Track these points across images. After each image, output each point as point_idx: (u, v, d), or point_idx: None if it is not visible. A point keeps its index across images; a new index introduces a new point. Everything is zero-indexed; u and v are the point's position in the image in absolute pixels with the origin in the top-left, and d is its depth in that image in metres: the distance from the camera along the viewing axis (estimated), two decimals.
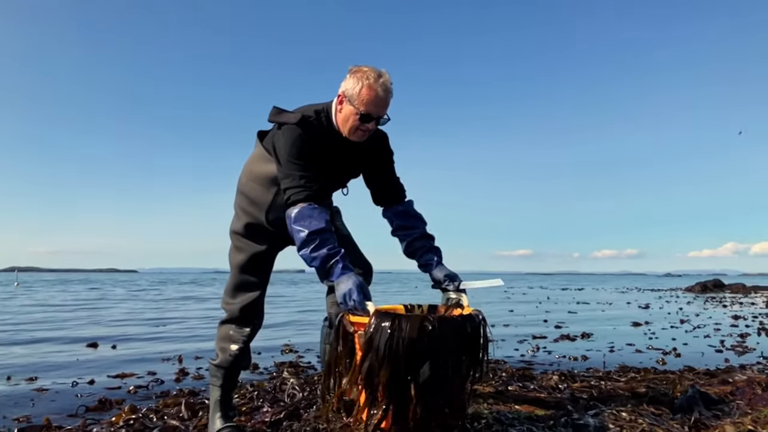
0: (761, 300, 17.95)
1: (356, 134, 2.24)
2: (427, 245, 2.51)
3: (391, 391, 2.06)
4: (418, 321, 2.10)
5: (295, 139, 2.16)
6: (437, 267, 2.48)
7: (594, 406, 2.85)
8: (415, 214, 2.55)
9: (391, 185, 2.53)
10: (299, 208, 2.12)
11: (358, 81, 2.17)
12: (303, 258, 2.14)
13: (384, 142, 2.49)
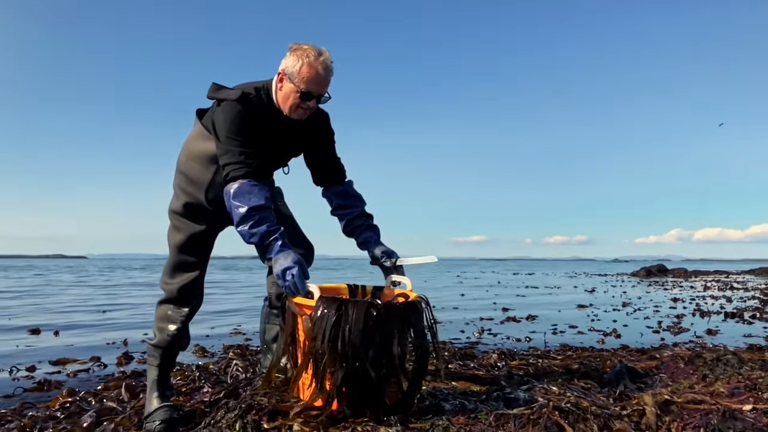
0: (700, 284, 18.74)
1: (297, 112, 2.26)
2: (366, 224, 2.57)
3: (337, 375, 2.11)
4: (365, 306, 2.15)
5: (235, 116, 2.17)
6: (375, 244, 2.53)
7: (528, 381, 2.97)
8: (354, 194, 2.60)
9: (331, 165, 2.56)
10: (238, 185, 2.13)
11: (298, 59, 2.19)
12: (241, 234, 2.15)
13: (325, 122, 2.52)
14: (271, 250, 2.14)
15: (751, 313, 8.66)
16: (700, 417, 2.16)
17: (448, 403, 2.43)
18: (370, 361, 2.13)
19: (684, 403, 2.32)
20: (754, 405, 2.20)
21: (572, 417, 2.18)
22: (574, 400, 2.39)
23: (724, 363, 3.12)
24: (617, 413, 2.29)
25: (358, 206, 2.59)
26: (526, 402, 2.44)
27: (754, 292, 13.88)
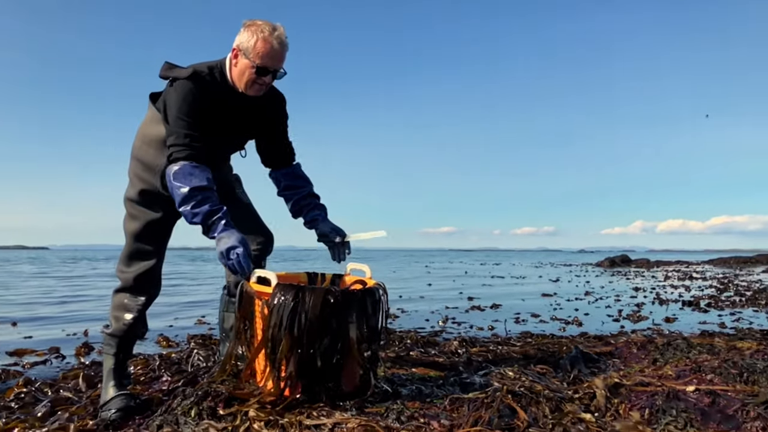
0: (661, 274, 19.20)
1: (253, 88, 2.26)
2: (313, 203, 2.59)
3: (293, 362, 2.13)
4: (322, 293, 2.17)
5: (186, 95, 2.15)
6: (323, 222, 2.56)
7: (486, 367, 3.03)
8: (302, 176, 2.62)
9: (282, 148, 2.58)
10: (180, 166, 2.12)
11: (252, 34, 2.18)
12: (184, 215, 2.15)
13: (281, 105, 2.52)
14: (215, 230, 2.15)
15: (707, 301, 8.92)
16: (646, 398, 2.23)
17: (405, 388, 2.46)
18: (326, 347, 2.15)
19: (632, 386, 2.40)
20: (696, 386, 2.29)
21: (525, 400, 2.24)
22: (528, 385, 2.45)
23: (674, 348, 3.22)
24: (569, 396, 2.35)
25: (305, 187, 2.61)
26: (481, 386, 2.49)
27: (711, 282, 14.29)
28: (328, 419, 1.96)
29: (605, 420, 2.11)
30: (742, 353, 2.86)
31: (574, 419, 2.08)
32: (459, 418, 2.06)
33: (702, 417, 2.04)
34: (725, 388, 2.26)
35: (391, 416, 2.04)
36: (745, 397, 2.13)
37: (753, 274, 18.59)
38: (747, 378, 2.40)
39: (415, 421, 2.02)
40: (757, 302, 8.72)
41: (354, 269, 2.68)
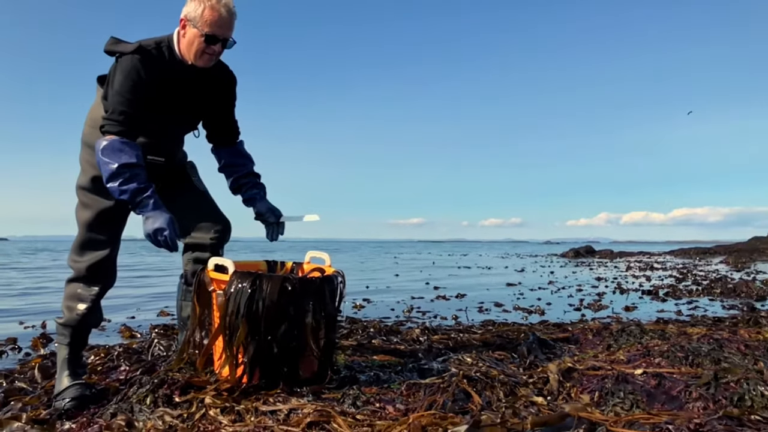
0: (624, 264, 19.63)
1: (203, 58, 2.24)
2: (253, 182, 2.62)
3: (250, 349, 2.14)
4: (279, 281, 2.17)
5: (130, 70, 2.13)
6: (260, 201, 2.59)
7: (445, 353, 3.07)
8: (245, 154, 2.64)
9: (228, 126, 2.59)
10: (109, 141, 2.10)
11: (200, 3, 2.17)
12: (111, 191, 2.13)
13: (232, 83, 2.53)
14: (144, 208, 2.14)
15: (666, 290, 9.17)
16: (597, 382, 2.30)
17: (364, 374, 2.49)
18: (283, 334, 2.16)
19: (585, 370, 2.46)
20: (644, 369, 2.36)
21: (481, 385, 2.28)
22: (484, 370, 2.50)
23: (627, 334, 3.31)
24: (524, 381, 2.41)
25: (246, 165, 2.63)
26: (439, 372, 2.54)
27: (671, 272, 14.67)
28: (284, 405, 1.98)
29: (557, 403, 2.17)
30: (690, 338, 2.96)
31: (527, 402, 2.14)
32: (414, 403, 2.10)
33: (648, 398, 2.11)
34: (671, 371, 2.34)
35: (348, 401, 2.06)
36: (689, 379, 2.21)
37: (711, 265, 19.14)
38: (692, 361, 2.49)
39: (371, 406, 2.04)
40: (713, 291, 8.99)
41: (314, 257, 2.69)
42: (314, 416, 1.87)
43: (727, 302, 7.66)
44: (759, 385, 2.04)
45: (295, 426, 1.83)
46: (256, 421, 1.89)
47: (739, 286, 9.60)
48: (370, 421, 1.89)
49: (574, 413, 1.86)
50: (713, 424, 1.68)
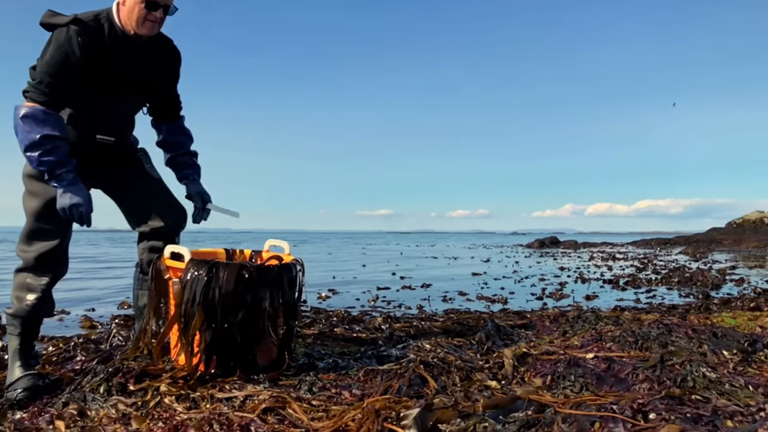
0: (587, 255, 20.01)
1: (145, 26, 2.21)
2: (189, 162, 2.63)
3: (207, 336, 2.13)
4: (236, 269, 2.17)
5: (63, 43, 2.09)
6: (193, 183, 2.60)
7: (406, 341, 3.11)
8: (185, 131, 2.64)
9: (170, 101, 2.58)
10: (32, 108, 2.07)
11: None
12: (29, 160, 2.11)
13: (176, 58, 2.51)
14: (62, 182, 2.12)
15: (626, 279, 9.39)
16: (550, 366, 2.36)
17: (322, 362, 2.51)
18: (240, 322, 2.16)
19: (539, 355, 2.52)
20: (596, 354, 2.43)
21: (437, 370, 2.32)
22: (442, 356, 2.54)
23: (583, 320, 3.40)
24: (480, 366, 2.46)
25: (186, 144, 2.64)
26: (397, 358, 2.57)
27: (632, 262, 15.02)
28: (240, 392, 1.99)
29: (511, 387, 2.22)
30: (642, 324, 3.05)
31: (481, 386, 2.18)
32: (371, 388, 2.13)
33: (597, 381, 2.18)
34: (621, 355, 2.42)
35: (304, 387, 2.08)
36: (637, 362, 2.28)
37: (671, 255, 19.66)
38: (641, 345, 2.57)
39: (327, 392, 2.06)
40: (671, 281, 9.24)
41: (273, 245, 2.69)
42: (270, 402, 1.88)
43: (684, 291, 7.89)
44: (701, 366, 2.12)
45: (250, 412, 1.83)
46: (211, 408, 1.89)
47: (696, 275, 9.89)
48: (326, 407, 1.91)
49: (524, 396, 1.91)
50: (655, 403, 1.75)
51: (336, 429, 1.72)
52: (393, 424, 1.65)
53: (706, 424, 1.63)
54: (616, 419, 1.63)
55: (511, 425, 1.66)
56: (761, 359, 2.39)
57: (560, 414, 1.71)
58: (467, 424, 1.66)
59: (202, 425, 1.76)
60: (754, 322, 3.43)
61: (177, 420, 1.79)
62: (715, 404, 1.79)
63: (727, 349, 2.48)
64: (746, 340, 2.62)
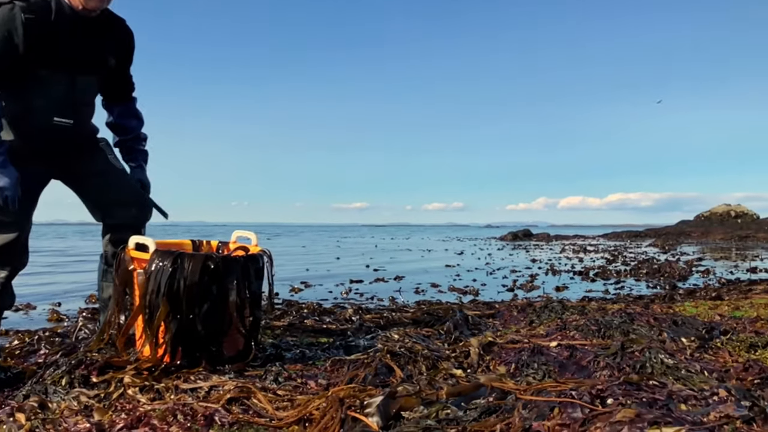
0: (559, 247, 20.29)
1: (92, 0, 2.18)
2: (138, 147, 2.63)
3: (172, 327, 2.12)
4: (201, 259, 2.16)
5: (6, 21, 2.05)
6: (137, 169, 2.61)
7: (374, 331, 3.13)
8: (136, 114, 2.63)
9: (123, 81, 2.56)
10: None
11: None
12: None
13: (128, 36, 2.48)
14: None
15: (596, 271, 9.55)
16: (514, 354, 2.40)
17: (290, 352, 2.51)
18: (206, 313, 2.15)
19: (504, 344, 2.56)
20: (559, 342, 2.48)
21: (404, 359, 2.34)
22: (409, 345, 2.57)
23: (549, 310, 3.45)
24: (446, 355, 2.48)
25: (136, 129, 2.63)
26: (365, 348, 2.58)
27: (603, 254, 15.26)
28: (205, 382, 1.98)
29: (476, 375, 2.25)
30: (606, 313, 3.11)
31: (447, 375, 2.21)
32: (337, 378, 2.14)
33: (560, 368, 2.22)
34: (583, 343, 2.47)
35: (270, 378, 2.08)
36: (598, 350, 2.33)
37: (641, 247, 20.03)
38: (604, 333, 2.63)
39: (293, 382, 2.07)
40: (639, 272, 9.42)
41: (240, 236, 2.68)
42: (234, 392, 1.88)
43: (652, 282, 8.05)
44: (660, 353, 2.17)
45: (214, 402, 1.83)
46: (175, 398, 1.89)
47: (664, 267, 10.10)
48: (291, 396, 1.91)
49: (487, 383, 1.94)
50: (613, 389, 1.79)
51: (300, 418, 1.73)
52: (356, 412, 1.66)
53: (661, 408, 1.68)
54: (575, 404, 1.66)
55: (472, 411, 1.68)
56: (717, 346, 2.46)
57: (521, 400, 1.74)
58: (429, 411, 1.69)
59: (166, 416, 1.75)
60: (714, 310, 3.53)
61: (140, 411, 1.78)
62: (671, 389, 1.83)
63: (685, 336, 2.55)
64: (704, 328, 2.69)
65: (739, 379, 2.01)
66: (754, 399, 1.74)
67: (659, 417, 1.58)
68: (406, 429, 1.56)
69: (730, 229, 30.89)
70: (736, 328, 2.85)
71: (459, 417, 1.65)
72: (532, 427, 1.57)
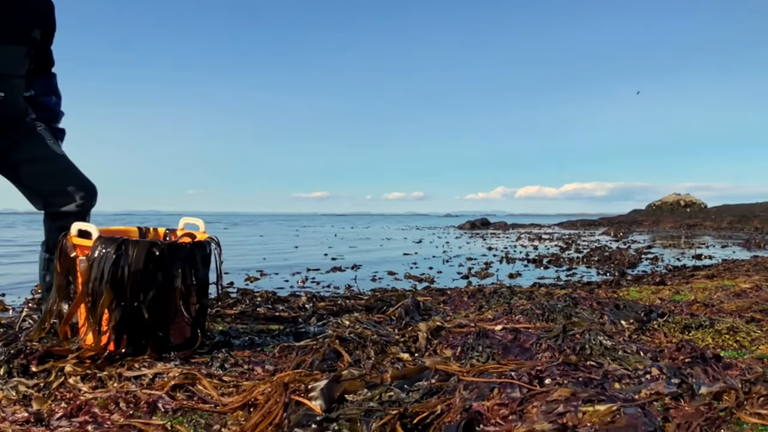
0: (515, 235, 20.64)
1: None
2: (54, 125, 2.58)
3: (116, 315, 2.09)
4: (146, 246, 2.12)
5: None
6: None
7: (326, 318, 3.14)
8: (56, 91, 2.59)
9: (44, 53, 2.50)
10: None
11: None
12: None
13: (49, 8, 2.43)
14: None
15: (549, 259, 9.76)
16: (461, 338, 2.45)
17: (239, 339, 2.51)
18: (151, 300, 2.13)
19: (452, 328, 2.61)
20: (504, 325, 2.54)
21: (353, 345, 2.37)
22: (360, 331, 2.59)
23: (498, 295, 3.53)
24: (395, 340, 2.52)
25: (56, 106, 2.59)
26: (314, 335, 2.60)
27: (557, 242, 15.60)
28: (150, 370, 1.96)
29: (422, 359, 2.29)
30: (552, 297, 3.20)
31: (394, 359, 2.24)
32: (284, 364, 2.15)
33: (504, 351, 2.28)
34: (527, 326, 2.53)
35: (216, 364, 2.08)
36: (541, 333, 2.40)
37: (594, 235, 20.53)
38: (547, 317, 2.70)
39: (240, 368, 2.07)
40: (591, 259, 9.67)
41: (188, 224, 2.65)
42: (179, 379, 1.87)
43: (603, 269, 8.28)
44: (599, 335, 2.25)
45: (158, 389, 1.82)
46: (118, 386, 1.86)
47: (615, 255, 10.39)
48: (237, 382, 1.91)
49: (432, 366, 1.98)
50: (552, 370, 1.85)
51: (245, 403, 1.73)
52: (301, 396, 1.67)
53: (596, 387, 1.74)
54: (514, 385, 1.72)
55: (414, 393, 1.72)
56: (654, 327, 2.56)
57: (463, 381, 1.79)
58: (373, 394, 1.71)
59: (108, 404, 1.73)
60: (656, 294, 3.66)
61: (81, 400, 1.76)
62: (607, 369, 1.91)
63: (625, 319, 2.64)
64: (643, 311, 2.80)
65: (672, 358, 2.10)
66: (683, 377, 1.82)
67: (593, 395, 1.64)
68: (348, 411, 1.58)
69: (680, 218, 31.96)
70: (673, 310, 2.97)
71: (401, 399, 1.69)
72: (472, 407, 1.61)
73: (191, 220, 2.64)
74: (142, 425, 1.59)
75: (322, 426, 1.51)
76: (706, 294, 3.73)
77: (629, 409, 1.54)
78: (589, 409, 1.56)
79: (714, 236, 20.29)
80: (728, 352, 2.29)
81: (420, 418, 1.55)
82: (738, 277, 4.85)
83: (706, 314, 2.85)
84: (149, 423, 1.61)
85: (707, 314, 2.85)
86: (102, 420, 1.65)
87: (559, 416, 1.54)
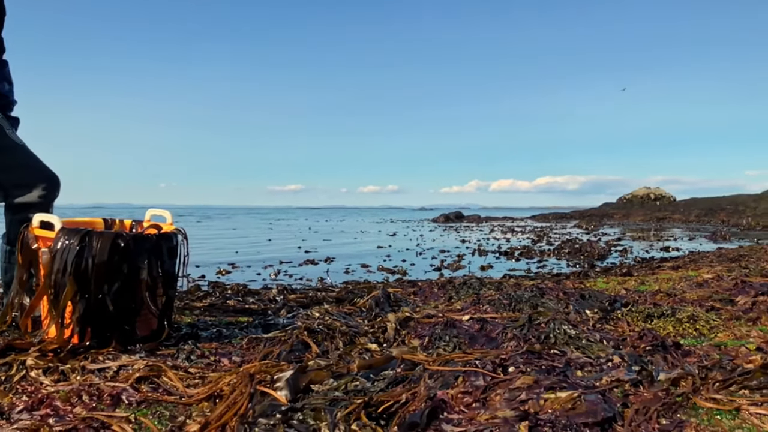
0: (488, 228, 20.80)
1: None
2: (7, 113, 2.52)
3: (79, 307, 2.06)
4: (110, 238, 2.10)
5: None
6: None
7: (296, 310, 3.13)
8: (8, 79, 2.52)
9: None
10: None
11: None
12: None
13: None
14: None
15: (520, 251, 9.87)
16: (429, 328, 2.47)
17: (206, 331, 2.49)
18: (116, 292, 2.10)
19: (420, 318, 2.63)
20: (471, 315, 2.57)
21: (321, 336, 2.37)
22: (329, 322, 2.59)
23: (468, 286, 3.56)
24: (364, 331, 2.53)
25: (9, 94, 2.52)
26: (283, 326, 2.59)
27: (529, 235, 15.77)
28: (114, 362, 1.94)
29: (390, 349, 2.30)
30: (519, 288, 3.24)
31: (362, 349, 2.25)
32: (252, 355, 2.14)
33: (470, 340, 2.31)
34: (494, 316, 2.57)
35: (182, 356, 2.07)
36: (507, 323, 2.43)
37: (566, 228, 20.79)
38: (514, 307, 2.74)
39: (206, 360, 2.06)
40: (562, 252, 9.81)
41: (155, 215, 2.63)
42: (144, 371, 1.86)
43: (573, 261, 8.40)
44: (564, 324, 2.29)
45: (123, 382, 1.80)
46: (81, 379, 1.84)
47: (585, 247, 10.55)
48: (203, 374, 1.90)
49: (399, 356, 1.99)
50: (516, 358, 1.88)
51: (210, 394, 1.73)
52: (266, 387, 1.68)
53: (558, 375, 1.78)
54: (478, 373, 1.74)
55: (380, 382, 1.73)
56: (618, 317, 2.61)
57: (428, 370, 1.81)
58: (339, 384, 1.72)
59: (70, 397, 1.71)
60: (622, 285, 3.73)
61: (43, 393, 1.73)
62: (569, 357, 1.95)
63: (590, 308, 2.69)
64: (608, 301, 2.85)
65: (634, 346, 2.15)
66: (643, 364, 1.87)
67: (555, 383, 1.68)
68: (313, 401, 1.59)
69: (650, 211, 32.51)
70: (638, 300, 3.04)
71: (367, 388, 1.70)
72: (436, 395, 1.63)
73: (158, 211, 2.61)
74: (105, 417, 1.58)
75: (287, 416, 1.52)
76: (670, 284, 3.81)
77: (590, 396, 1.58)
78: (550, 396, 1.60)
79: (682, 229, 20.71)
80: (688, 340, 2.35)
81: (385, 406, 1.57)
82: (702, 268, 4.97)
83: (669, 304, 2.92)
84: (112, 415, 1.60)
85: (670, 304, 2.92)
86: (64, 413, 1.63)
87: (522, 403, 1.57)
